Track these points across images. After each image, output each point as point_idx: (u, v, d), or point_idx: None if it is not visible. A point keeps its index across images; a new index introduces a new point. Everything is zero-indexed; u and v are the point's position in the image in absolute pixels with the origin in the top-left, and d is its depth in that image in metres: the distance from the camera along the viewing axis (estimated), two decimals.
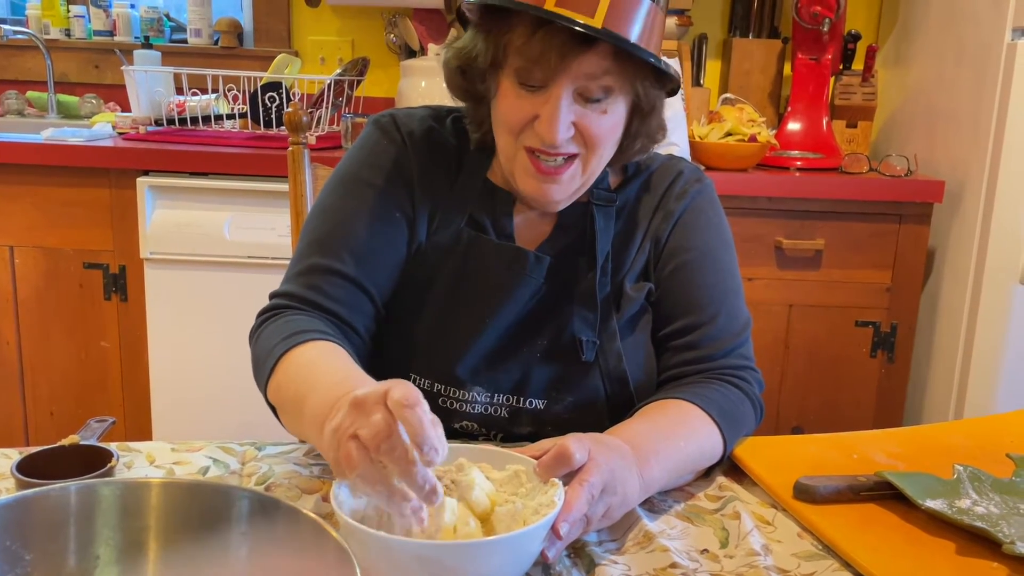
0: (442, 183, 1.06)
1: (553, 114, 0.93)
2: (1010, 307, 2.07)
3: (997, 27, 2.05)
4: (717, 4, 2.70)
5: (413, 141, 1.06)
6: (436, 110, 1.11)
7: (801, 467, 0.93)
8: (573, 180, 1.00)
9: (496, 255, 1.03)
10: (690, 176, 1.10)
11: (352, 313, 1.00)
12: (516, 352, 1.03)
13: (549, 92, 0.94)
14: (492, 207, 1.06)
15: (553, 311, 1.04)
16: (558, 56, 0.91)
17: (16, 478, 0.79)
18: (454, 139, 1.08)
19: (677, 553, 0.80)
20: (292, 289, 1.01)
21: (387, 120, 1.08)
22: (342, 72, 2.26)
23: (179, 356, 2.13)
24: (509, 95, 0.97)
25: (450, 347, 1.02)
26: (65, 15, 2.73)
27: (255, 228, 2.06)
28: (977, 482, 0.89)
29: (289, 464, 0.95)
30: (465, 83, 1.03)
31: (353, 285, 1.01)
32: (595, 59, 0.92)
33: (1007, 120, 2.01)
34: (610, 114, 0.96)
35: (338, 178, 1.07)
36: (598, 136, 0.96)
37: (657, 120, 1.03)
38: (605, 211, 1.06)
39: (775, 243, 2.16)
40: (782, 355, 2.22)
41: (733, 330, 1.05)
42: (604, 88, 0.94)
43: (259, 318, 1.01)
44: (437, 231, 1.05)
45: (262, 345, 0.96)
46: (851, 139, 2.56)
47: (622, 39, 0.91)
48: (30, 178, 2.10)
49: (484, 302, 1.02)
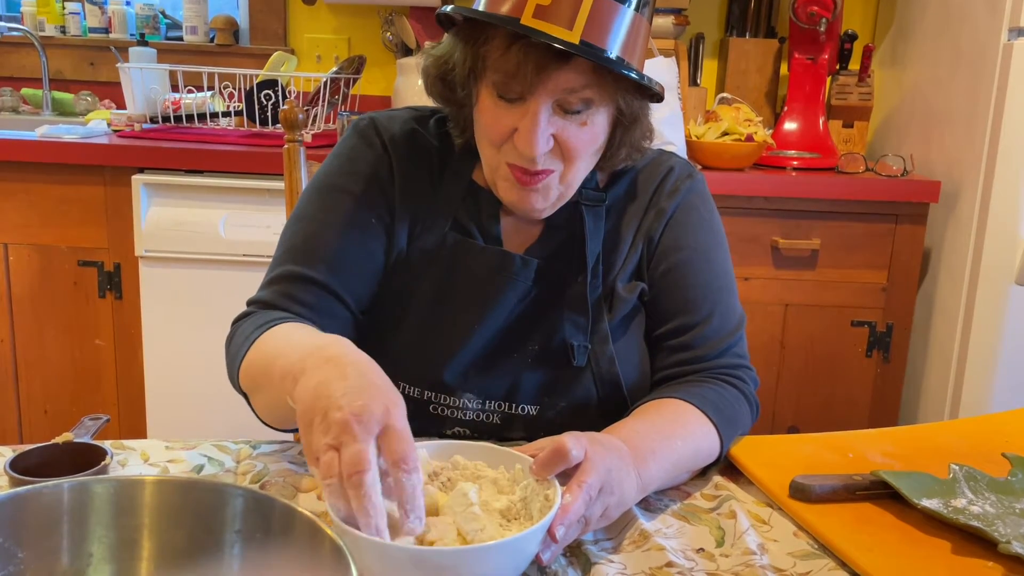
0: (424, 187, 1.05)
1: (531, 128, 0.91)
2: (1005, 307, 2.08)
3: (993, 28, 2.05)
4: (714, 4, 2.70)
5: (394, 145, 1.05)
6: (419, 111, 1.09)
7: (797, 466, 0.93)
8: (551, 189, 0.98)
9: (482, 259, 1.02)
10: (681, 172, 1.09)
11: (325, 319, 0.99)
12: (507, 357, 1.02)
13: (527, 105, 0.92)
14: (478, 210, 1.05)
15: (543, 315, 1.03)
16: (535, 70, 0.89)
17: (10, 476, 0.78)
18: (437, 141, 1.07)
19: (673, 552, 0.80)
20: (265, 296, 1.01)
21: (366, 124, 1.07)
22: (338, 70, 2.26)
23: (174, 354, 2.13)
24: (488, 107, 0.95)
25: (438, 353, 1.01)
26: (60, 12, 2.72)
27: (250, 226, 2.06)
28: (973, 481, 0.89)
29: (284, 462, 0.94)
30: (445, 90, 1.01)
31: (326, 292, 1.00)
32: (573, 73, 0.90)
33: (1003, 120, 2.01)
34: (590, 125, 0.94)
35: (315, 185, 1.06)
36: (576, 149, 0.94)
37: (642, 129, 1.01)
38: (594, 211, 1.05)
39: (771, 243, 2.16)
40: (778, 354, 2.23)
41: (727, 329, 1.05)
42: (584, 100, 0.93)
43: (233, 325, 1.01)
44: (421, 236, 1.04)
45: (234, 343, 0.97)
46: (847, 139, 2.56)
47: (600, 54, 0.88)
48: (25, 175, 2.09)
49: (471, 307, 1.01)
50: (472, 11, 0.91)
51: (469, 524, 0.72)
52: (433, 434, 1.03)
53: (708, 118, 2.28)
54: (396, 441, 0.69)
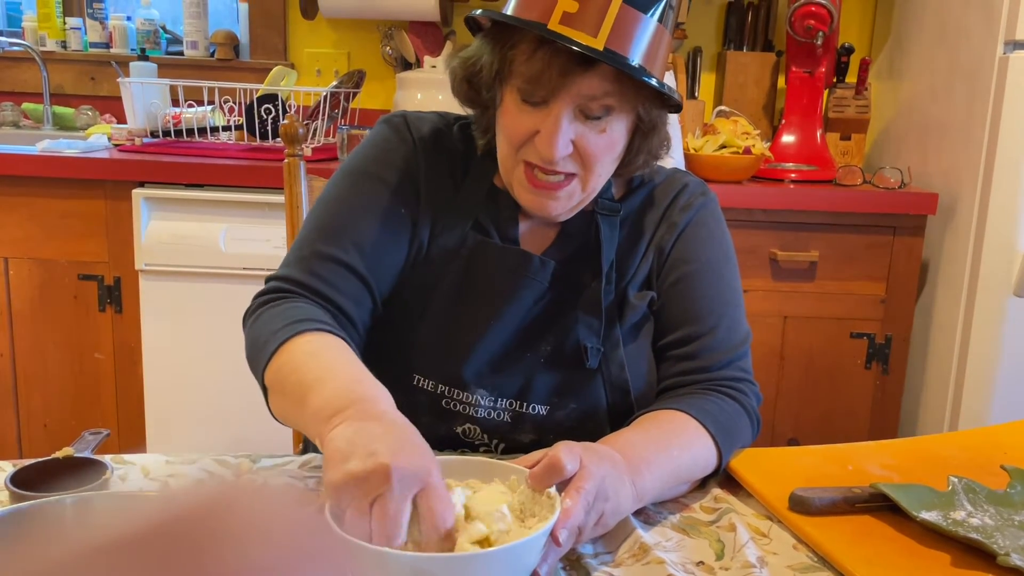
0: (447, 188, 1.07)
1: (553, 132, 0.94)
2: (1004, 318, 2.08)
3: (989, 41, 2.06)
4: (711, 17, 2.71)
5: (423, 142, 1.07)
6: (444, 116, 1.12)
7: (796, 479, 0.93)
8: (572, 197, 1.00)
9: (500, 258, 1.04)
10: (695, 190, 1.12)
11: (353, 306, 1.00)
12: (520, 357, 1.03)
13: (550, 109, 0.94)
14: (497, 212, 1.07)
15: (557, 317, 1.04)
16: (559, 75, 0.92)
17: (10, 491, 0.78)
18: (461, 145, 1.09)
19: (673, 565, 0.80)
20: (294, 274, 1.00)
21: (399, 119, 1.09)
22: (338, 84, 2.27)
23: (174, 368, 2.13)
24: (511, 109, 0.97)
25: (454, 349, 1.02)
26: (61, 27, 2.74)
27: (251, 240, 2.07)
28: (972, 494, 0.89)
29: (284, 477, 0.94)
30: (471, 91, 1.04)
31: (356, 277, 1.00)
32: (596, 80, 0.93)
33: (1000, 132, 2.02)
34: (609, 132, 0.97)
35: (347, 171, 1.07)
36: (595, 155, 0.97)
37: (659, 138, 1.03)
38: (610, 220, 1.07)
39: (770, 255, 2.17)
40: (777, 367, 2.23)
41: (732, 342, 1.05)
42: (605, 107, 0.95)
43: (256, 300, 1.00)
44: (442, 235, 1.05)
45: (261, 328, 0.95)
46: (845, 151, 2.57)
47: (623, 61, 0.91)
48: (25, 190, 2.10)
49: (488, 305, 1.03)
50: (501, 15, 0.94)
51: (496, 524, 0.73)
52: (443, 430, 1.03)
53: (706, 131, 2.29)
54: (435, 500, 0.69)
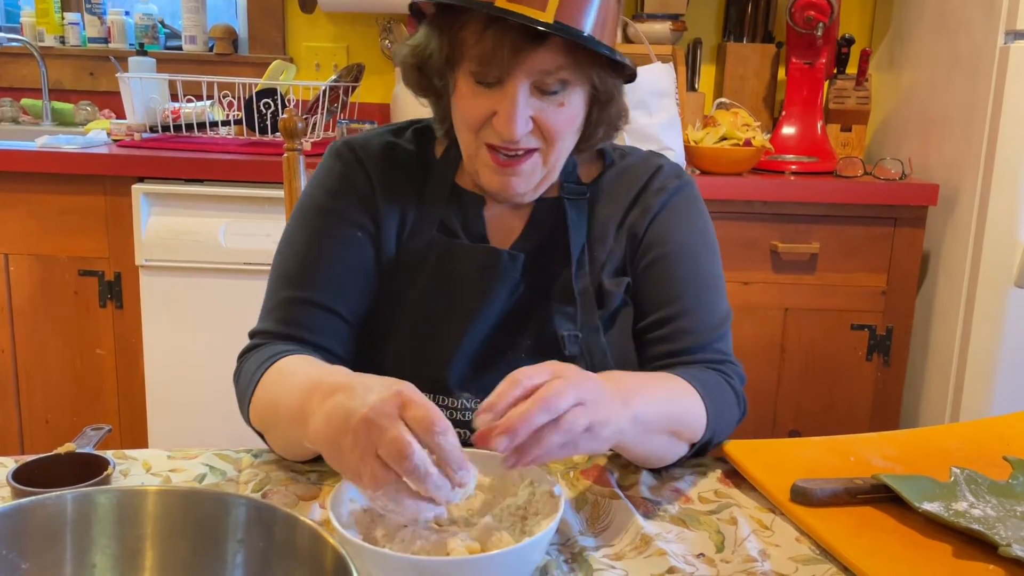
0: (407, 193, 1.06)
1: (510, 111, 0.93)
2: (1005, 309, 2.08)
3: (990, 31, 2.05)
4: (711, 9, 2.70)
5: (372, 161, 1.06)
6: (395, 126, 1.12)
7: (798, 470, 0.93)
8: (535, 172, 1.00)
9: (469, 258, 1.03)
10: (670, 172, 1.10)
11: (329, 339, 1.01)
12: (501, 354, 1.03)
13: (505, 89, 0.94)
14: (462, 211, 1.07)
15: (533, 308, 1.04)
16: (511, 52, 0.91)
17: (12, 487, 0.79)
18: (416, 150, 1.09)
19: (675, 557, 0.80)
20: (268, 327, 1.02)
21: (342, 146, 1.09)
22: (337, 78, 2.26)
23: (175, 363, 2.13)
24: (466, 93, 0.97)
25: (434, 355, 1.02)
26: (60, 22, 2.73)
27: (251, 234, 2.06)
28: (974, 485, 0.89)
29: (286, 471, 0.94)
30: (423, 80, 1.04)
31: (325, 311, 1.01)
32: (548, 54, 0.92)
33: (1000, 123, 2.01)
34: (567, 106, 0.97)
35: (299, 210, 1.08)
36: (556, 129, 0.97)
37: (617, 108, 1.03)
38: (577, 204, 1.06)
39: (770, 247, 2.16)
40: (778, 359, 2.23)
41: (710, 324, 1.04)
42: (560, 81, 0.95)
43: (238, 359, 1.01)
44: (409, 240, 1.05)
45: (241, 382, 0.98)
46: (845, 143, 2.56)
47: (574, 32, 0.91)
48: (25, 186, 2.09)
49: (463, 306, 1.03)
50: None
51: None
52: None
53: (706, 123, 2.29)
54: (417, 409, 0.69)
